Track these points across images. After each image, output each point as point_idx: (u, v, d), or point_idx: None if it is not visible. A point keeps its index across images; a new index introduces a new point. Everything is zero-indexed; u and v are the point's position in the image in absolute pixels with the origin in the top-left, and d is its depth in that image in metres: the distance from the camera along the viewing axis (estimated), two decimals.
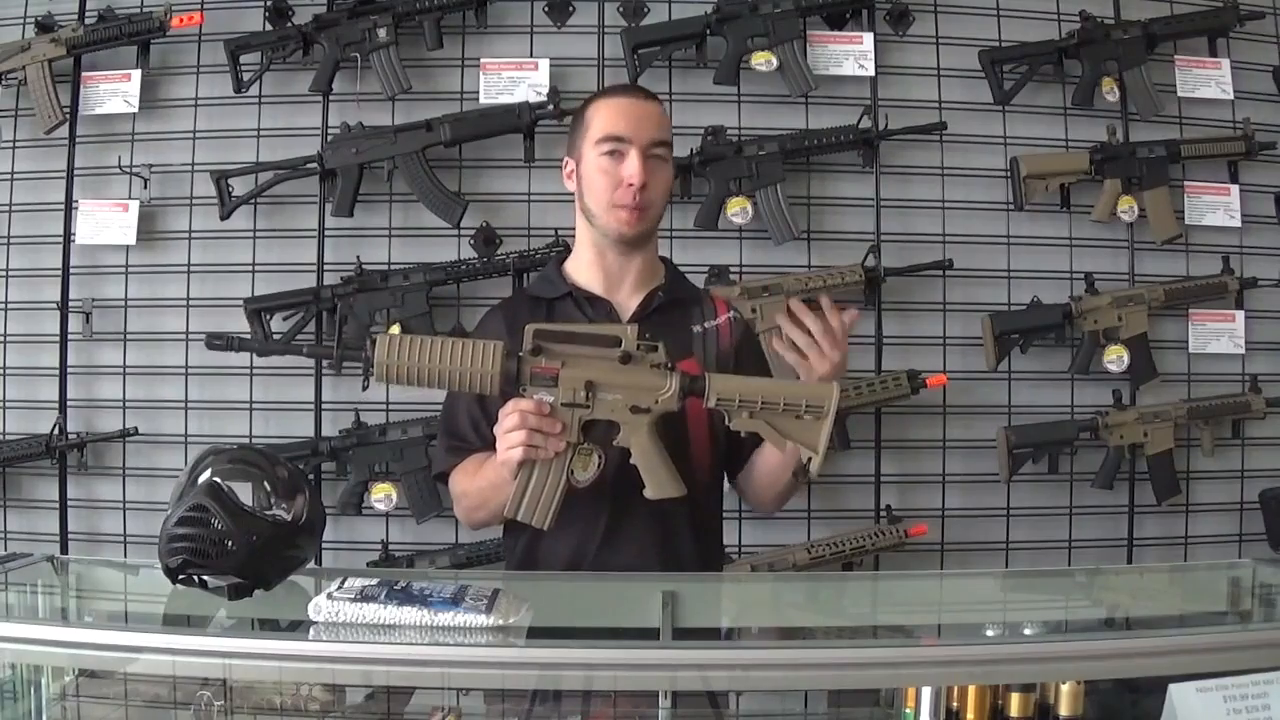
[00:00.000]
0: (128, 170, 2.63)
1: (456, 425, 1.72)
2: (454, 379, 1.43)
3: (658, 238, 1.78)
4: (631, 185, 1.63)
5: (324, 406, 2.60)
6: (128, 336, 2.66)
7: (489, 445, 1.55)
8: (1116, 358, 2.65)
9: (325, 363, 2.57)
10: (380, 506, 2.55)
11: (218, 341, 1.49)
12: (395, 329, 2.51)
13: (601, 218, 1.67)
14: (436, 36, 2.60)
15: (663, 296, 1.72)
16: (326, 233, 2.61)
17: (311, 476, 2.49)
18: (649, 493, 1.49)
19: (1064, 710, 1.35)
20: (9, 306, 2.68)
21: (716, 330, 1.73)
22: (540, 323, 1.57)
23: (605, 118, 1.66)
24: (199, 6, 2.65)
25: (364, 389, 2.50)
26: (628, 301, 1.72)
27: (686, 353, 1.66)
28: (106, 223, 2.61)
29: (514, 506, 1.49)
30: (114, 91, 2.63)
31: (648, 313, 1.70)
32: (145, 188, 2.64)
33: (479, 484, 1.64)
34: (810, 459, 1.48)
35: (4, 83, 2.62)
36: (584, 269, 1.73)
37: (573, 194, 1.74)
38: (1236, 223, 2.73)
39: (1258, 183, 2.77)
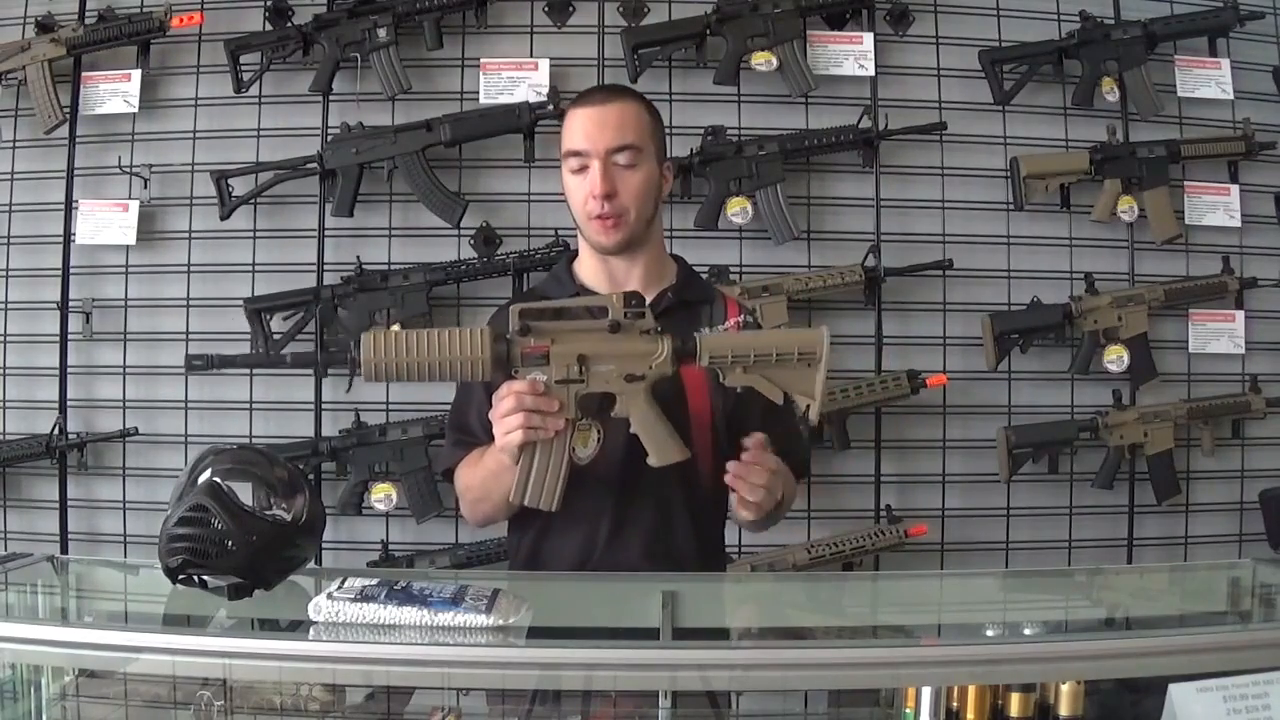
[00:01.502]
0: (128, 170, 2.63)
1: (465, 420, 1.72)
2: (444, 369, 1.41)
3: (662, 237, 1.78)
4: (596, 197, 1.63)
5: (324, 406, 2.59)
6: (127, 336, 2.66)
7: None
8: (1116, 358, 2.65)
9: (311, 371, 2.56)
10: (380, 506, 2.55)
11: (197, 363, 1.45)
12: (396, 329, 2.51)
13: (585, 230, 1.69)
14: (436, 36, 2.60)
15: (671, 298, 1.72)
16: (326, 233, 2.61)
17: (311, 476, 2.48)
18: (652, 460, 1.49)
19: (1064, 710, 1.35)
20: (9, 306, 2.68)
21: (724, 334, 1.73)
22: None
23: (569, 132, 1.68)
24: (199, 6, 2.65)
25: (347, 390, 2.49)
26: None
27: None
28: (106, 223, 2.61)
29: (519, 492, 1.49)
30: (114, 91, 2.63)
31: (655, 315, 1.69)
32: (145, 188, 2.64)
33: (480, 475, 1.64)
34: (809, 405, 1.46)
35: (4, 83, 2.62)
36: (590, 270, 1.74)
37: None
38: (1236, 223, 2.73)
39: (1258, 183, 2.77)
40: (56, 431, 2.58)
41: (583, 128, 1.65)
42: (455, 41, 2.65)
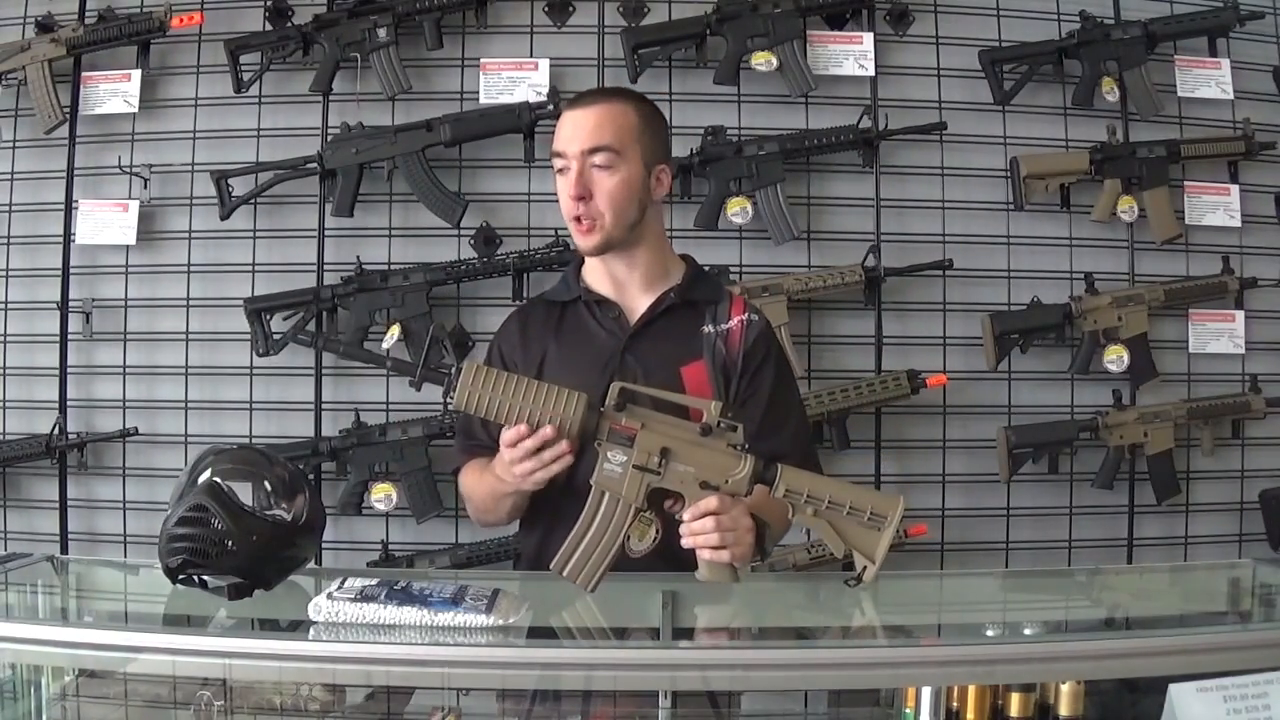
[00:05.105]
0: (128, 170, 2.63)
1: (471, 428, 1.76)
2: (533, 421, 1.44)
3: (661, 238, 1.77)
4: (571, 199, 1.64)
5: (324, 406, 2.60)
6: (127, 336, 2.66)
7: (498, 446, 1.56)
8: (1116, 358, 2.65)
9: (409, 380, 2.53)
10: (380, 506, 2.55)
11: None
12: (395, 330, 2.52)
13: (571, 232, 1.70)
14: (436, 36, 2.60)
15: (674, 298, 1.72)
16: (326, 233, 2.61)
17: (311, 476, 2.48)
18: (701, 573, 1.47)
19: (1064, 710, 1.35)
20: (9, 306, 2.68)
21: (727, 333, 1.73)
22: (546, 333, 1.66)
23: (556, 134, 1.68)
24: (199, 6, 2.65)
25: (445, 409, 2.47)
26: (637, 303, 1.72)
27: (695, 355, 1.66)
28: (106, 223, 2.61)
29: (561, 563, 1.46)
30: (114, 91, 2.63)
31: (656, 314, 1.71)
32: (145, 188, 2.64)
33: (483, 490, 1.68)
34: (865, 568, 1.45)
35: (4, 83, 2.61)
36: (594, 272, 1.76)
37: None
38: (1236, 223, 2.73)
39: (1258, 183, 2.77)
40: (56, 431, 2.58)
41: (564, 130, 1.66)
42: (455, 41, 2.65)
